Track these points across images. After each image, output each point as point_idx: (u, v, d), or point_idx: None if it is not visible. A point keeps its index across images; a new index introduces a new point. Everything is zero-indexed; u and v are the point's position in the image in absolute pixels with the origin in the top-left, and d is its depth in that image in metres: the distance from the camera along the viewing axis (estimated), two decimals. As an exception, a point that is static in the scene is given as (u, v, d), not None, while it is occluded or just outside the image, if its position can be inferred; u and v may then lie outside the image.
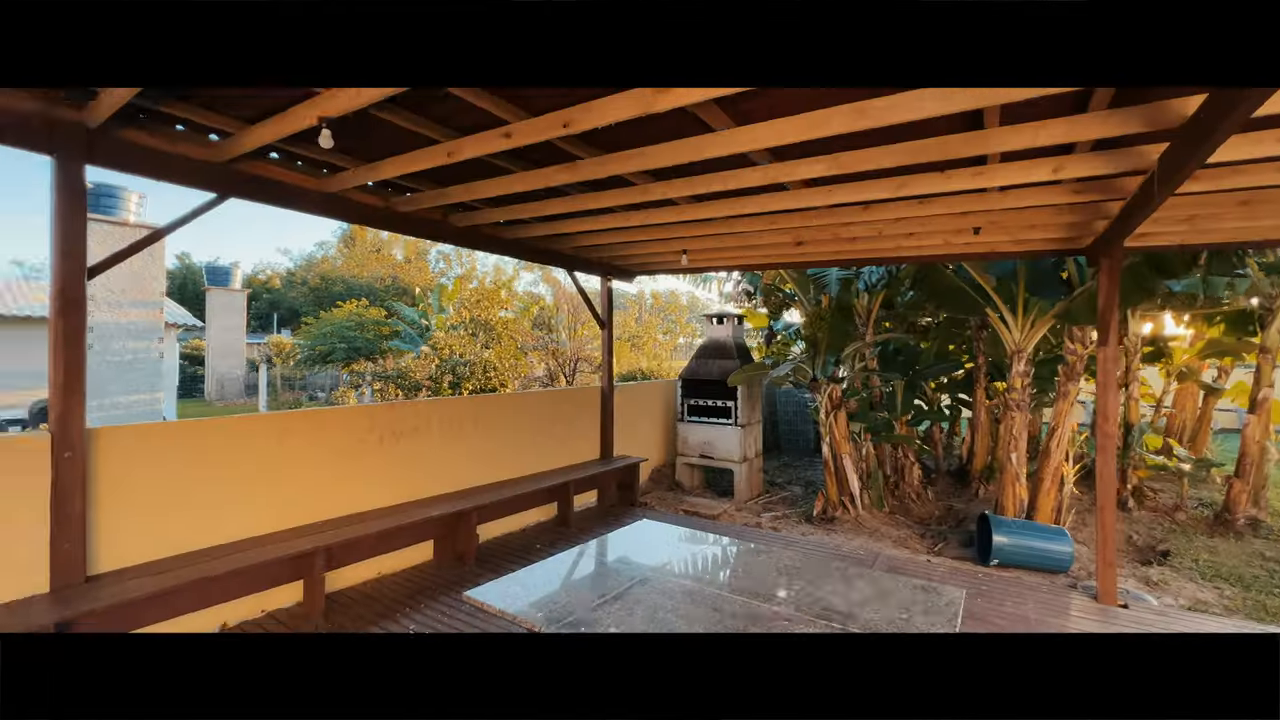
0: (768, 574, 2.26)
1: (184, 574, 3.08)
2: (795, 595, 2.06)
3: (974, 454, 7.92)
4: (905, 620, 1.79)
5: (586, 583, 2.20)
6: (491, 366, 8.47)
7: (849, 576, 2.21)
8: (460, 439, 5.10)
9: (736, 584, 2.18)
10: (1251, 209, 3.45)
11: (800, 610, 1.92)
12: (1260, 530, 6.17)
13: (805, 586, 2.14)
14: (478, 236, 5.12)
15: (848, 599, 2.03)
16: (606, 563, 2.41)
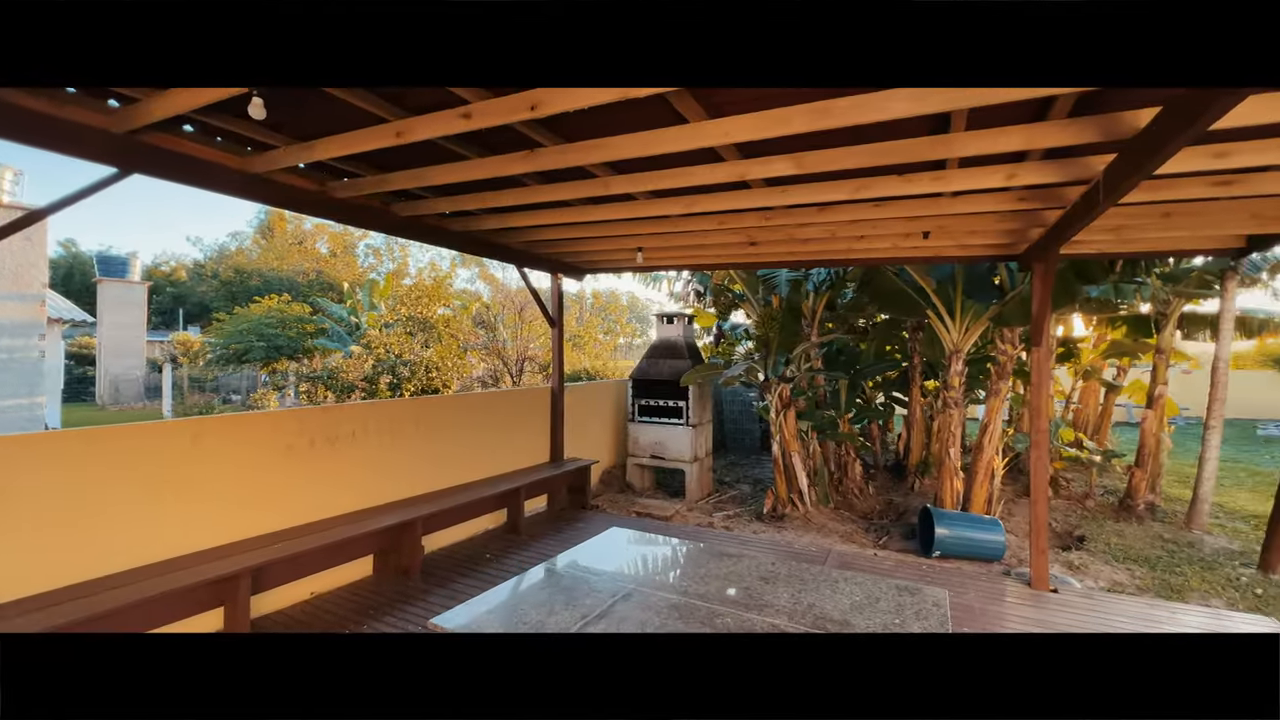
0: (752, 582, 2.19)
1: (75, 609, 2.65)
2: (787, 604, 1.99)
3: (910, 450, 8.29)
4: (899, 625, 1.77)
5: (563, 601, 2.04)
6: (433, 366, 8.03)
7: (833, 580, 2.18)
8: (402, 444, 4.77)
9: (723, 594, 2.09)
10: (1171, 220, 3.74)
11: (794, 620, 1.85)
12: (1157, 514, 6.80)
13: (795, 594, 2.08)
14: (421, 228, 4.79)
15: (839, 605, 1.99)
16: (581, 577, 2.27)
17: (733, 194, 3.80)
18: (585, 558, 2.43)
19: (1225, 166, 2.82)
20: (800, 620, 1.80)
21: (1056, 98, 2.37)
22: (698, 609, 1.88)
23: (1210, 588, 4.82)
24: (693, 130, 2.70)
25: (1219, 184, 3.16)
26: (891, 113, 2.32)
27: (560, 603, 1.92)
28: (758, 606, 1.91)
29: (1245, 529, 6.47)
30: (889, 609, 1.86)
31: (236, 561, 3.27)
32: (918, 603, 1.90)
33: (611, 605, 1.88)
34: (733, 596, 1.97)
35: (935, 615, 1.82)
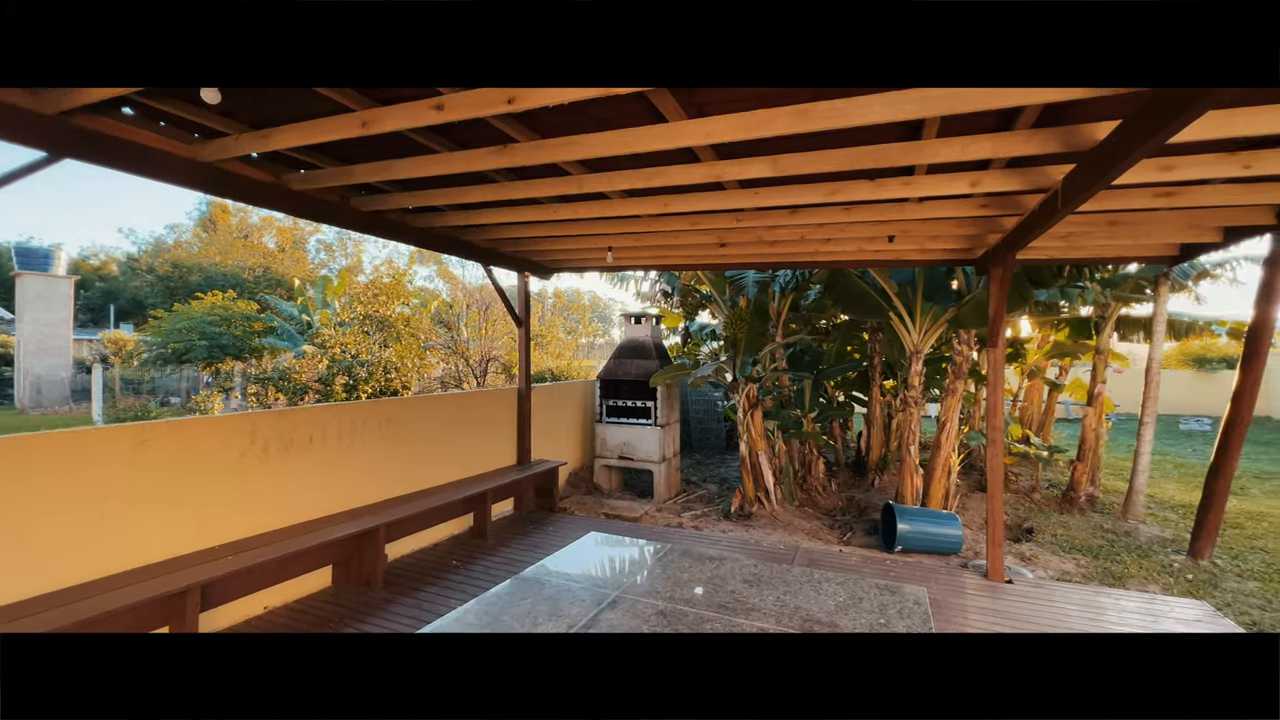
0: (736, 586, 2.19)
1: (0, 634, 2.41)
2: (773, 607, 1.99)
3: (870, 447, 8.52)
4: (884, 625, 1.79)
5: (547, 611, 1.98)
6: (392, 367, 7.74)
7: (816, 582, 2.19)
8: (363, 448, 4.57)
9: (709, 599, 2.08)
10: (1117, 229, 3.96)
11: (782, 623, 1.85)
12: (1097, 506, 7.21)
13: (779, 596, 2.08)
14: (382, 223, 4.61)
15: (824, 606, 2.00)
16: (563, 585, 2.21)
17: (707, 195, 3.81)
18: (565, 564, 2.37)
19: (1169, 179, 3.00)
20: (788, 623, 1.81)
21: (1023, 108, 2.46)
22: (685, 615, 1.86)
23: (1147, 574, 5.13)
24: (673, 130, 2.68)
25: (1161, 195, 3.35)
26: (870, 118, 2.36)
27: (544, 613, 1.86)
28: (744, 610, 1.90)
29: (1174, 518, 6.92)
30: (872, 608, 1.89)
31: (185, 576, 3.05)
32: (899, 601, 1.94)
33: (598, 614, 1.84)
34: (719, 601, 1.95)
35: (917, 613, 1.86)
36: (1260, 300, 4.78)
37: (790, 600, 1.98)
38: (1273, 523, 6.81)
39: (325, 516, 4.18)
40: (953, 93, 2.19)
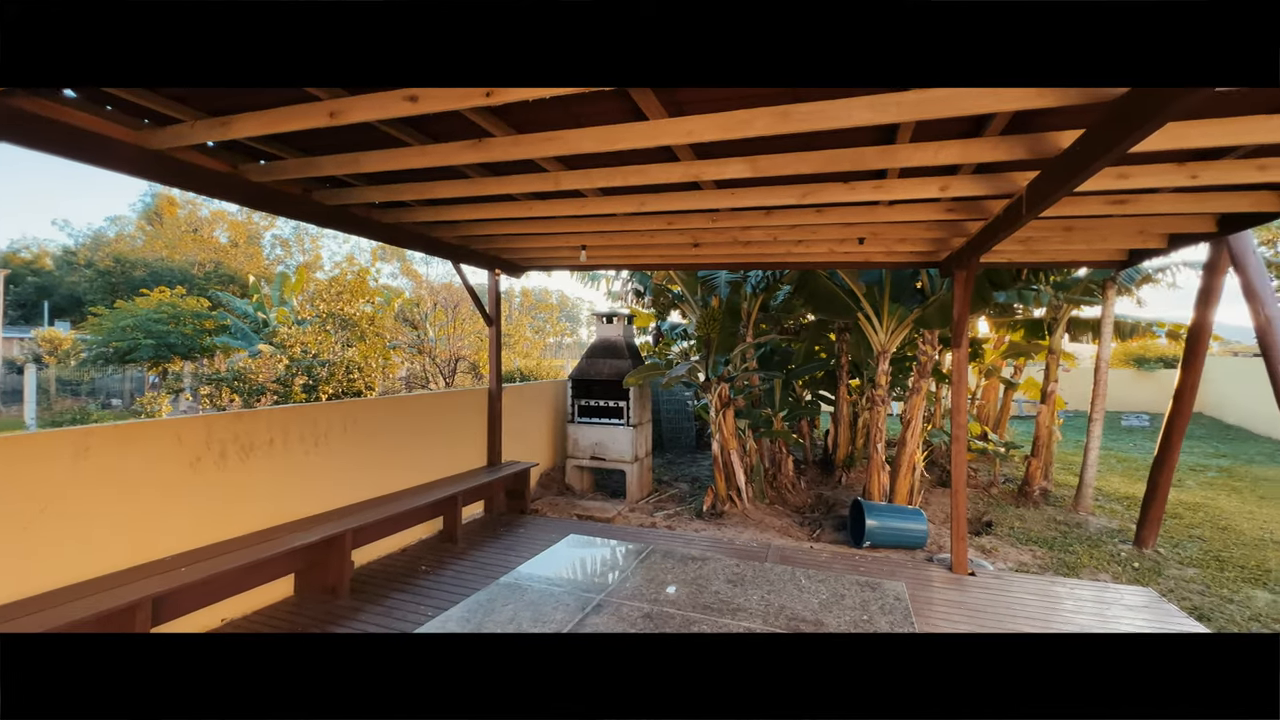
0: (720, 586, 2.18)
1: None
2: (759, 607, 1.99)
3: (838, 445, 8.70)
4: (868, 621, 1.82)
5: (530, 617, 1.93)
6: (356, 367, 7.48)
7: (798, 580, 2.21)
8: (327, 451, 4.40)
9: (694, 600, 2.06)
10: (1072, 234, 4.13)
11: (769, 623, 1.85)
12: (1050, 499, 7.53)
13: (764, 596, 2.09)
14: (347, 218, 4.45)
15: (808, 604, 2.01)
16: (545, 590, 2.16)
17: (684, 194, 3.80)
18: (545, 568, 2.32)
19: (1123, 187, 3.14)
20: (774, 622, 1.81)
21: (994, 115, 2.53)
22: (671, 617, 1.85)
23: (1098, 563, 5.39)
24: (653, 128, 2.65)
25: (1114, 203, 3.51)
26: (850, 120, 2.39)
27: (528, 619, 1.82)
28: (730, 611, 1.90)
29: (1120, 509, 7.30)
30: (855, 605, 1.92)
31: (134, 590, 2.87)
32: (880, 597, 1.97)
33: (583, 619, 1.80)
34: (704, 602, 1.95)
35: (898, 608, 1.89)
36: (1199, 304, 5.08)
37: (774, 599, 1.99)
38: (1207, 513, 7.25)
39: (288, 523, 4.01)
40: (930, 98, 2.24)
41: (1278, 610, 4.45)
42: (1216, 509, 7.47)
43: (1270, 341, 4.13)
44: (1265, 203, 3.29)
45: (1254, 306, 4.29)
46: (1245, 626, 4.18)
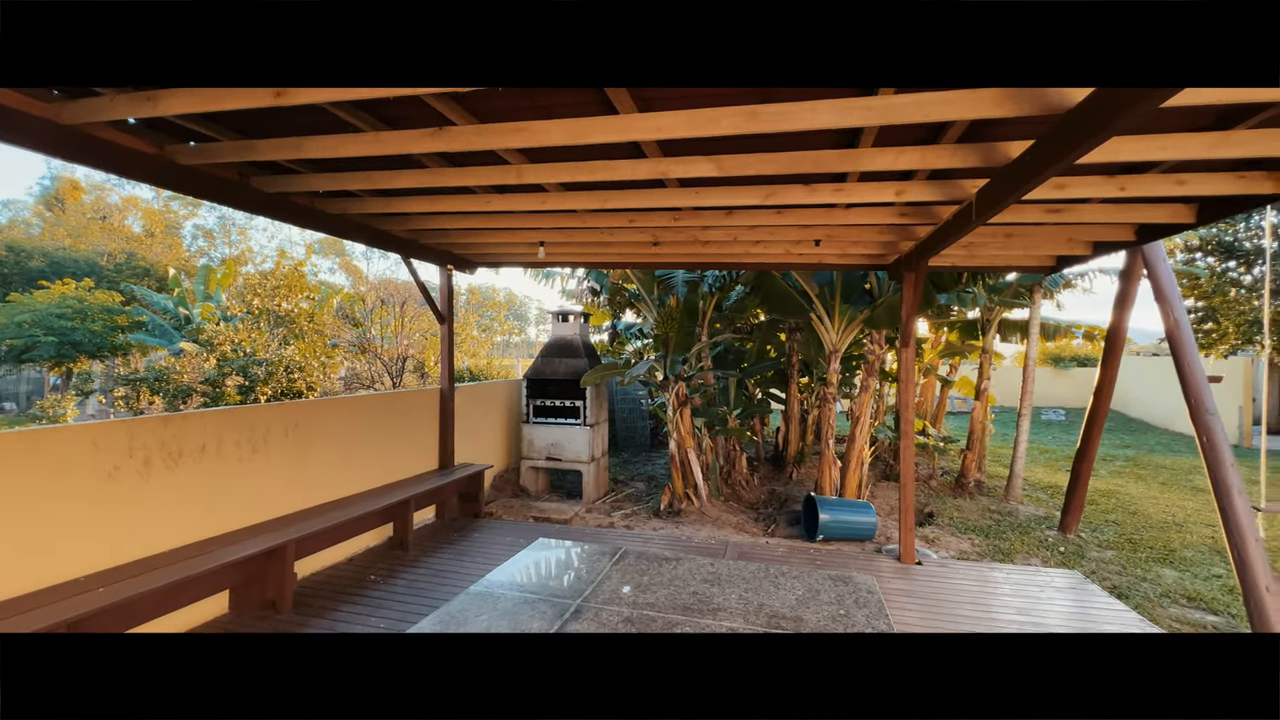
0: (698, 586, 2.16)
1: None
2: (738, 606, 1.99)
3: (789, 442, 8.92)
4: (845, 615, 1.85)
5: (507, 627, 1.85)
6: (296, 366, 7.02)
7: (773, 578, 2.22)
8: (267, 457, 4.11)
9: (673, 601, 2.04)
10: (1011, 240, 4.38)
11: (750, 622, 1.85)
12: (984, 490, 8.00)
13: (742, 594, 2.09)
14: (287, 206, 4.17)
15: (786, 601, 2.02)
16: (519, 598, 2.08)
17: (647, 192, 3.78)
18: (516, 575, 2.23)
19: (1060, 196, 3.35)
20: (755, 620, 1.82)
21: (951, 124, 2.64)
22: (653, 620, 1.82)
23: (1029, 549, 5.76)
24: (623, 122, 2.61)
25: (1051, 211, 3.75)
26: (817, 123, 2.43)
27: (505, 629, 1.74)
28: (711, 611, 1.89)
29: (1045, 498, 7.84)
30: (831, 600, 1.95)
31: (40, 617, 2.58)
32: (854, 591, 2.02)
33: (562, 627, 1.74)
34: (684, 603, 1.92)
35: (872, 602, 1.94)
36: (1116, 307, 5.51)
37: (753, 597, 1.99)
38: (1119, 499, 7.90)
39: (224, 534, 3.72)
40: (895, 103, 2.30)
41: (1183, 586, 4.89)
42: (1126, 495, 8.15)
43: (1179, 341, 4.53)
44: (1180, 215, 3.60)
45: (1164, 309, 4.68)
46: (1157, 602, 4.57)
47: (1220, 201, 3.36)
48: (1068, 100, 2.10)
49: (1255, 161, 2.94)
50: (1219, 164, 2.99)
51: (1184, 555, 5.66)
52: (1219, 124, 2.56)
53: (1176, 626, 4.13)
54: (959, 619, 3.90)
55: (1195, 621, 4.24)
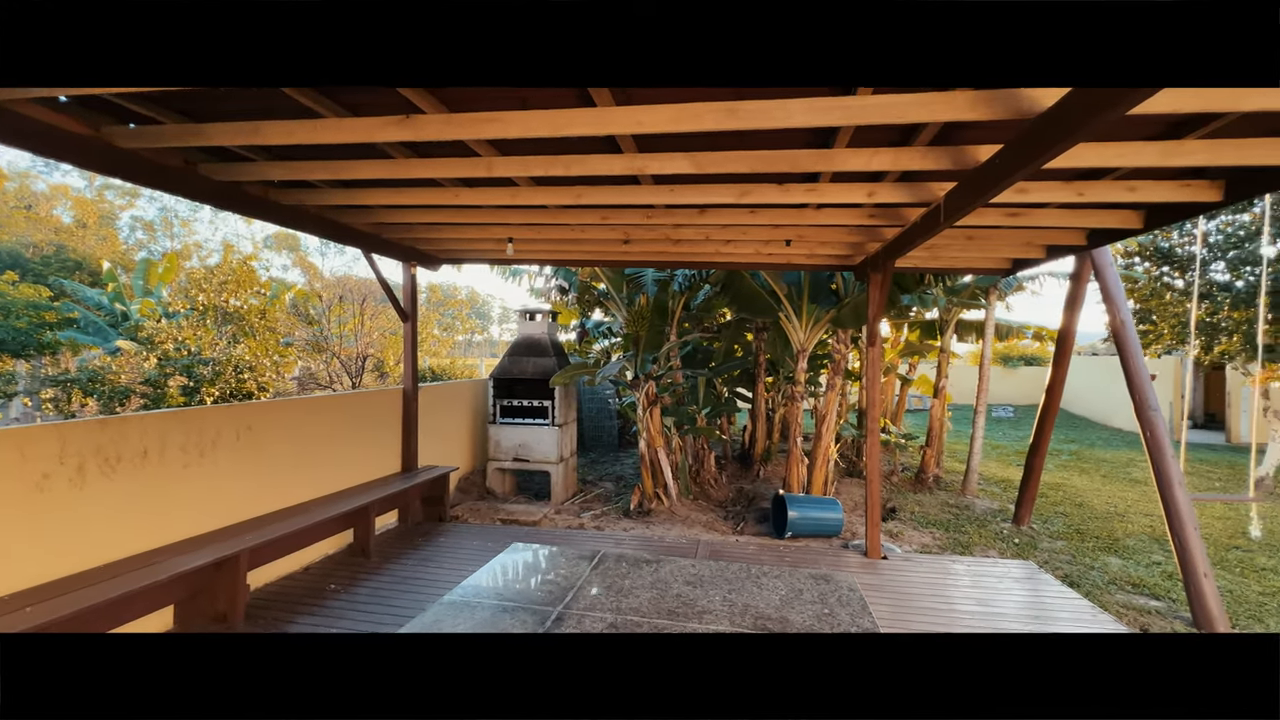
0: (680, 589, 2.13)
1: None
2: (723, 608, 1.96)
3: (755, 440, 9.02)
4: (829, 614, 1.84)
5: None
6: (246, 366, 6.64)
7: (755, 578, 2.21)
8: (217, 461, 3.87)
9: (658, 605, 1.99)
10: (972, 243, 4.52)
11: (736, 624, 1.83)
12: (942, 485, 8.27)
13: (725, 596, 2.06)
14: (238, 197, 3.94)
15: (770, 602, 2.01)
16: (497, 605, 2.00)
17: (621, 188, 3.73)
18: (492, 582, 2.14)
19: (1022, 201, 3.47)
20: (741, 622, 1.79)
21: (924, 126, 2.68)
22: (638, 626, 1.77)
23: (986, 541, 5.97)
24: (602, 115, 2.55)
25: (1010, 215, 3.88)
26: (795, 120, 2.42)
27: (482, 640, 1.67)
28: (696, 615, 1.85)
29: (999, 492, 8.17)
30: (814, 599, 1.95)
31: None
32: (835, 590, 2.03)
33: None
34: (668, 607, 1.88)
35: (854, 600, 1.95)
36: (1067, 309, 5.77)
37: (737, 599, 1.97)
38: (1066, 492, 8.29)
39: (170, 545, 3.48)
40: (870, 104, 2.32)
41: (1128, 573, 5.15)
42: (1072, 488, 8.57)
43: (1124, 340, 4.77)
44: (1129, 220, 3.78)
45: (1111, 310, 4.93)
46: (1105, 589, 4.80)
47: (1166, 208, 3.54)
48: (1039, 104, 2.15)
49: (1200, 170, 3.11)
50: (1167, 172, 3.15)
51: (1126, 544, 5.98)
52: (1171, 133, 2.68)
53: (1124, 613, 4.34)
54: (926, 611, 3.99)
55: (1140, 607, 4.47)
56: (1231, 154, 2.64)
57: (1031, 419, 17.10)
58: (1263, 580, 5.09)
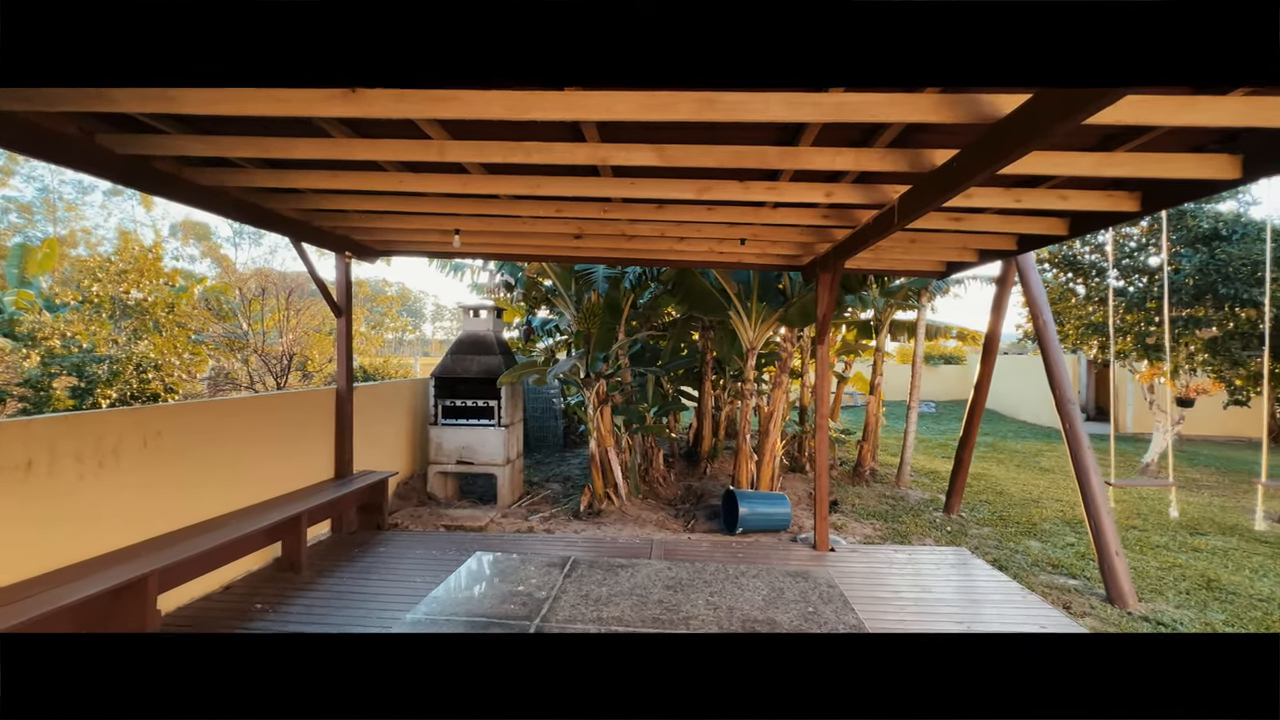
0: (661, 594, 2.05)
1: None
2: (708, 612, 1.90)
3: (702, 438, 9.09)
4: (814, 614, 1.82)
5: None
6: (152, 365, 5.94)
7: (734, 578, 2.16)
8: (119, 471, 3.43)
9: (640, 613, 1.90)
10: (915, 246, 4.72)
11: (724, 628, 1.77)
12: (878, 478, 8.66)
13: (708, 599, 2.00)
14: (146, 174, 3.51)
15: (753, 602, 1.97)
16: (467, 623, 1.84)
17: (579, 180, 3.61)
18: (458, 595, 1.97)
19: (966, 205, 3.64)
20: (728, 626, 1.74)
21: (887, 126, 2.74)
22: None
23: (921, 530, 6.28)
24: (570, 99, 2.43)
25: (953, 219, 4.06)
26: (769, 114, 2.41)
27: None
28: (683, 620, 1.78)
29: (929, 483, 8.64)
30: (796, 597, 1.93)
31: None
32: (815, 586, 2.02)
33: (524, 650, 1.56)
34: (651, 614, 1.80)
35: (835, 596, 1.95)
36: (994, 311, 6.16)
37: (720, 601, 1.92)
38: (988, 481, 8.89)
39: (61, 570, 3.03)
40: (844, 101, 2.34)
41: (1047, 555, 5.56)
42: (992, 477, 9.21)
43: (1046, 339, 5.14)
44: (1056, 227, 4.05)
45: (1035, 311, 5.30)
46: (1030, 571, 5.15)
47: (1090, 216, 3.81)
48: (999, 110, 2.23)
49: (1121, 182, 3.37)
50: (1095, 182, 3.39)
51: (1044, 528, 6.46)
52: (1103, 145, 2.88)
53: (1048, 592, 4.67)
54: (877, 600, 4.12)
55: (1061, 586, 4.82)
56: (1154, 167, 2.86)
57: (951, 414, 18.31)
58: (1159, 556, 5.64)
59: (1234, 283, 7.34)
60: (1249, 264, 7.32)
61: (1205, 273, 7.58)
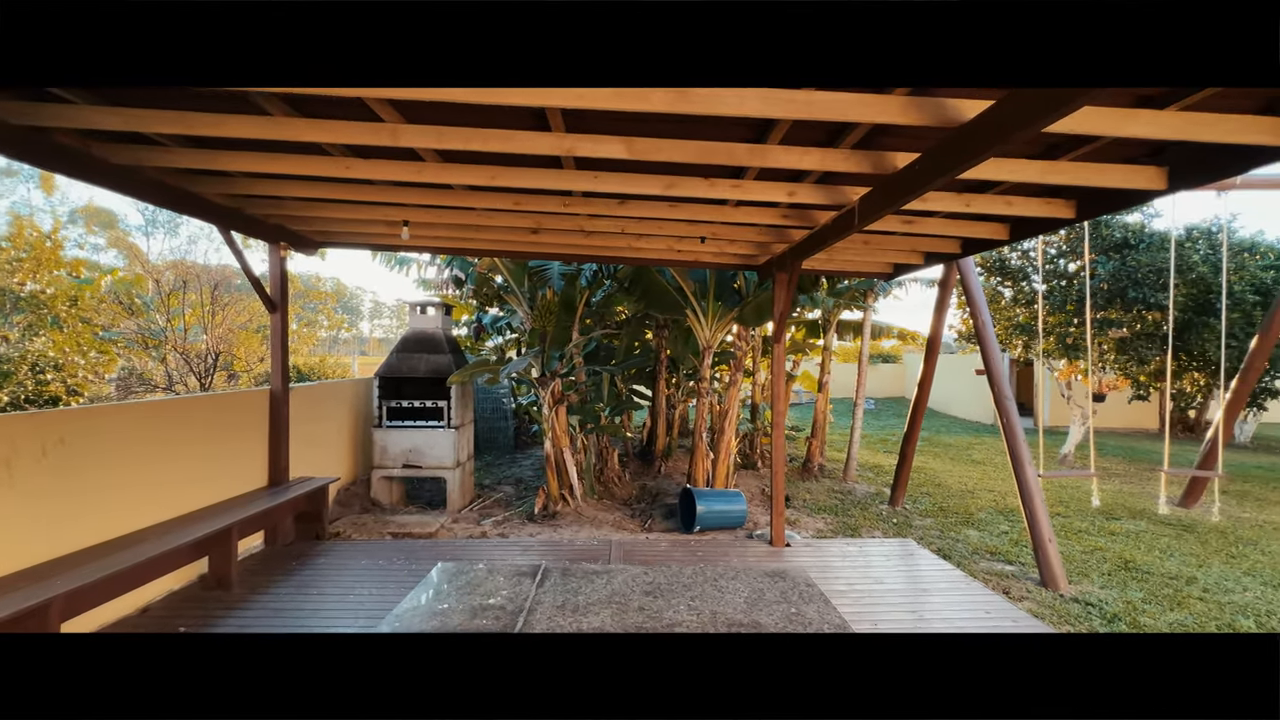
0: (641, 600, 1.97)
1: None
2: (691, 617, 1.84)
3: (656, 437, 9.08)
4: (797, 615, 1.80)
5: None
6: (52, 364, 5.29)
7: (713, 580, 2.12)
8: (12, 485, 3.03)
9: (622, 620, 1.82)
10: (868, 247, 4.85)
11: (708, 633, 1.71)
12: (826, 473, 8.92)
13: (690, 603, 1.94)
14: (44, 149, 3.12)
15: (736, 605, 1.93)
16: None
17: (541, 171, 3.48)
18: (425, 611, 1.82)
19: (920, 208, 3.75)
20: (713, 629, 1.69)
21: (853, 127, 2.77)
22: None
23: (869, 523, 6.51)
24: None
25: (906, 223, 4.20)
26: (743, 109, 2.38)
27: (426, 685, 1.39)
28: (666, 626, 1.71)
29: (874, 477, 8.98)
30: (777, 598, 1.91)
31: None
32: (793, 586, 2.01)
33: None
34: (634, 621, 1.72)
35: (815, 595, 1.94)
36: (936, 312, 6.44)
37: (703, 605, 1.87)
38: (927, 474, 9.33)
39: (-65, 600, 2.63)
40: (816, 99, 2.34)
41: (985, 543, 5.87)
42: (930, 470, 9.67)
43: (984, 338, 5.42)
44: (998, 232, 4.25)
45: (974, 312, 5.58)
46: (970, 559, 5.42)
47: (1029, 222, 4.03)
48: (963, 114, 2.29)
49: (1061, 189, 3.57)
50: (1038, 189, 3.57)
51: (980, 517, 6.83)
52: (1048, 153, 3.03)
53: (987, 579, 4.92)
54: (834, 594, 4.19)
55: (999, 572, 5.09)
56: (1091, 176, 3.03)
57: (889, 411, 19.17)
58: (1082, 541, 6.07)
59: (1142, 287, 8.02)
60: (1154, 270, 8.01)
61: (1117, 278, 8.24)
